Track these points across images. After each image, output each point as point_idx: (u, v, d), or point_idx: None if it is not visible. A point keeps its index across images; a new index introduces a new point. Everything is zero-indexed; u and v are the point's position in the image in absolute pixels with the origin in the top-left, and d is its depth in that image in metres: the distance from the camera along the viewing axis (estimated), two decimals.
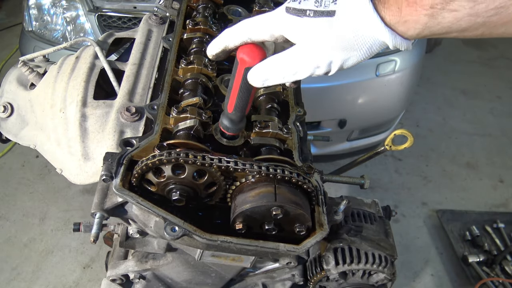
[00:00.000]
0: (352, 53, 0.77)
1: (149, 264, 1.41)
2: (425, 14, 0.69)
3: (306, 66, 0.80)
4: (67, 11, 2.94)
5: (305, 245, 0.98)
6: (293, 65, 0.81)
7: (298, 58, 0.80)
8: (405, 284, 2.92)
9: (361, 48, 0.76)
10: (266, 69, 0.83)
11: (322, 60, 0.79)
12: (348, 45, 0.76)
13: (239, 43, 0.85)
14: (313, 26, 0.77)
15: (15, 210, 3.19)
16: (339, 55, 0.78)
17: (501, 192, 3.62)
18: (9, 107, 1.44)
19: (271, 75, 0.83)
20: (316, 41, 0.78)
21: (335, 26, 0.76)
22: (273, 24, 0.81)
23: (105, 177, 0.95)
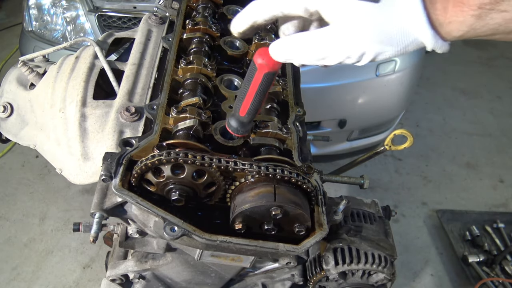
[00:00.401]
0: (387, 48, 0.72)
1: (149, 264, 1.41)
2: (472, 14, 0.65)
3: (337, 52, 0.74)
4: (67, 11, 2.95)
5: (304, 245, 0.98)
6: (324, 48, 0.74)
7: (331, 42, 0.73)
8: (405, 284, 2.92)
9: (398, 45, 0.71)
10: (293, 46, 0.76)
11: (356, 50, 0.73)
12: (386, 39, 0.71)
13: (269, 17, 0.77)
14: (354, 8, 0.71)
15: (15, 210, 3.19)
16: (375, 48, 0.72)
17: (501, 192, 3.61)
18: (9, 107, 1.44)
19: (297, 54, 0.76)
20: (355, 27, 0.71)
21: (379, 14, 0.70)
22: None
23: (104, 177, 0.95)
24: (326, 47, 0.74)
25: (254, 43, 1.32)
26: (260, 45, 1.31)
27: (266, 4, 0.76)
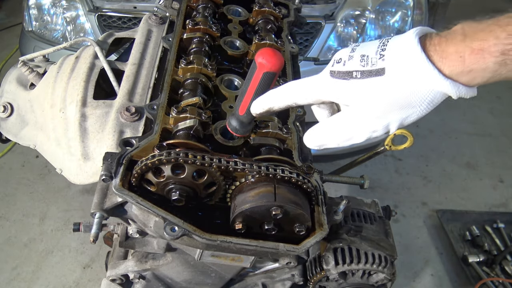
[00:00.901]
0: (411, 111, 0.70)
1: (149, 264, 1.41)
2: (494, 62, 0.61)
3: (361, 131, 0.75)
4: (67, 11, 2.95)
5: (304, 245, 0.98)
6: (347, 130, 0.76)
7: (352, 123, 0.75)
8: (405, 284, 2.92)
9: (420, 105, 0.69)
10: (321, 135, 0.80)
11: (378, 124, 0.73)
12: (405, 103, 0.69)
13: (284, 106, 0.83)
14: (363, 88, 0.71)
15: (15, 210, 3.19)
16: (397, 115, 0.71)
17: (501, 192, 3.61)
18: (9, 107, 1.44)
19: (327, 142, 0.80)
20: (369, 104, 0.71)
21: (387, 85, 0.69)
22: (319, 89, 0.77)
23: (104, 177, 0.95)
24: (349, 128, 0.76)
25: (254, 43, 1.32)
26: (260, 45, 1.31)
27: (282, 95, 0.82)
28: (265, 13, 1.46)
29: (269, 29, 1.43)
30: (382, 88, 0.69)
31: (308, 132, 0.83)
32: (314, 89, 0.78)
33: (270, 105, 0.84)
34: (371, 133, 0.75)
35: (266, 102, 0.85)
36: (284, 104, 0.83)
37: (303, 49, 2.77)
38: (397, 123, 0.72)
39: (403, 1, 2.97)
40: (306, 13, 2.71)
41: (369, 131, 0.74)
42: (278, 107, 0.84)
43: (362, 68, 0.71)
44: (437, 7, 4.55)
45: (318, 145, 0.82)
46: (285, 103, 0.82)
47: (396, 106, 0.70)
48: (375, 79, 0.70)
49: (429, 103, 0.68)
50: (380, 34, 2.94)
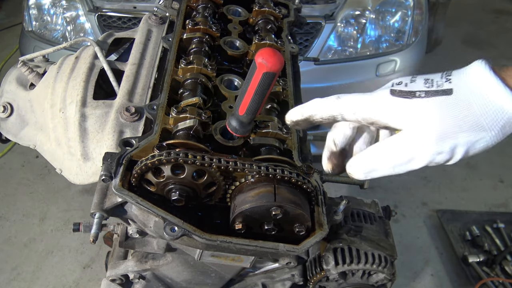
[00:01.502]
0: (482, 134, 0.65)
1: (149, 264, 1.41)
2: None
3: (424, 152, 0.67)
4: (67, 11, 2.95)
5: (304, 245, 0.98)
6: (407, 152, 0.68)
7: (413, 144, 0.68)
8: (405, 284, 2.92)
9: (492, 128, 0.64)
10: (373, 159, 0.72)
11: (444, 145, 0.66)
12: (475, 124, 0.64)
13: (327, 116, 0.74)
14: (427, 106, 0.66)
15: (15, 210, 3.19)
16: (465, 138, 0.66)
17: (501, 192, 3.61)
18: (9, 107, 1.44)
19: (379, 166, 0.72)
20: (434, 122, 0.65)
21: (455, 103, 0.65)
22: (375, 105, 0.70)
23: (104, 177, 0.95)
24: (410, 149, 0.68)
25: (254, 43, 1.32)
26: (260, 45, 1.31)
27: (329, 105, 0.74)
28: (265, 13, 1.46)
29: (269, 29, 1.43)
30: (449, 105, 0.65)
31: (356, 158, 0.74)
32: (369, 105, 0.70)
33: (312, 112, 0.75)
34: (435, 155, 0.67)
35: (308, 109, 0.76)
36: (328, 115, 0.74)
37: (303, 49, 2.77)
38: (465, 147, 0.67)
39: (403, 1, 2.97)
40: (306, 13, 2.71)
41: (432, 153, 0.67)
42: (320, 117, 0.75)
43: (427, 88, 0.67)
44: (437, 7, 4.55)
45: (367, 170, 0.73)
46: (330, 113, 0.73)
47: (465, 126, 0.65)
48: (441, 98, 0.66)
49: (502, 127, 0.64)
50: (380, 34, 2.94)
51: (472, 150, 0.68)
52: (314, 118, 0.75)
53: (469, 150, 0.68)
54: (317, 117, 0.75)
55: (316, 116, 0.75)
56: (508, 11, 6.11)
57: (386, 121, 0.70)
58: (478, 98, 0.64)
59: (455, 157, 0.69)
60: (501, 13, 6.05)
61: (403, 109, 0.68)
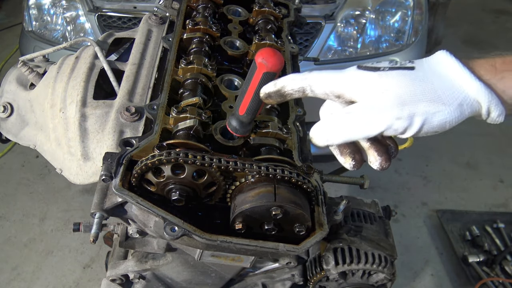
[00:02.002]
0: (440, 107, 0.67)
1: (149, 264, 1.41)
2: None
3: (383, 115, 0.68)
4: (67, 11, 2.95)
5: (304, 245, 0.98)
6: (368, 116, 0.69)
7: (374, 107, 0.69)
8: (405, 284, 2.92)
9: (451, 103, 0.66)
10: (332, 124, 0.73)
11: (403, 111, 0.67)
12: (435, 96, 0.66)
13: (297, 88, 0.76)
14: (390, 77, 0.69)
15: (15, 210, 3.19)
16: (424, 108, 0.67)
17: (501, 192, 3.61)
18: (9, 107, 1.44)
19: (338, 131, 0.72)
20: (396, 90, 0.68)
21: (417, 75, 0.68)
22: (341, 78, 0.72)
23: (104, 177, 0.95)
24: (370, 115, 0.69)
25: (254, 43, 1.32)
26: (260, 45, 1.31)
27: (300, 77, 0.76)
28: (265, 13, 1.46)
29: (269, 29, 1.43)
30: (411, 77, 0.68)
31: (317, 126, 0.75)
32: (336, 78, 0.73)
33: (283, 83, 0.78)
34: (393, 120, 0.68)
35: (281, 81, 0.78)
36: (298, 86, 0.76)
37: (303, 49, 2.77)
38: (423, 117, 0.68)
39: (403, 1, 2.97)
40: (306, 13, 2.71)
41: (391, 117, 0.68)
42: (291, 88, 0.76)
43: (390, 65, 0.71)
44: (437, 7, 4.55)
45: (329, 138, 0.73)
46: (300, 84, 0.75)
47: (425, 97, 0.67)
48: (404, 71, 0.69)
49: (459, 105, 0.66)
50: (380, 34, 2.94)
51: (429, 121, 0.68)
52: (286, 90, 0.78)
53: (426, 120, 0.68)
54: (288, 88, 0.77)
55: (287, 87, 0.77)
56: (508, 11, 6.11)
57: (350, 94, 0.72)
58: (439, 74, 0.67)
59: (413, 126, 0.69)
60: (501, 13, 6.05)
61: (367, 81, 0.71)
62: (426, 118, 0.68)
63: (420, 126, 0.69)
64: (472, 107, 0.66)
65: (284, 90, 0.78)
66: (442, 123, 0.69)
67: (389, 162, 0.80)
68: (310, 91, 0.75)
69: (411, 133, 0.70)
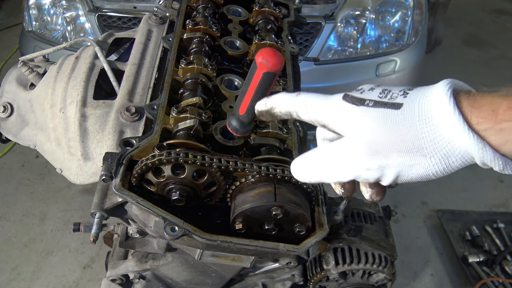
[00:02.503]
0: (418, 160, 0.59)
1: (149, 264, 1.41)
2: None
3: (352, 164, 0.63)
4: (67, 11, 2.95)
5: (305, 245, 0.98)
6: (337, 161, 0.66)
7: (344, 153, 0.64)
8: (405, 284, 2.92)
9: (432, 155, 0.57)
10: (308, 164, 0.71)
11: (373, 162, 0.61)
12: (413, 146, 0.58)
13: (284, 112, 0.74)
14: (369, 116, 0.62)
15: (15, 210, 3.19)
16: (398, 159, 0.60)
17: (501, 192, 3.61)
18: (9, 107, 1.44)
19: (313, 173, 0.70)
20: (369, 134, 0.61)
21: (397, 118, 0.59)
22: (323, 108, 0.68)
23: (104, 177, 0.95)
24: (338, 161, 0.65)
25: (255, 43, 1.32)
26: (260, 45, 1.31)
27: (288, 101, 0.73)
28: (265, 13, 1.46)
29: (269, 29, 1.43)
30: (392, 120, 0.60)
31: (296, 161, 0.74)
32: (321, 107, 0.68)
33: (273, 105, 0.76)
34: (362, 170, 0.63)
35: (272, 101, 0.76)
36: (286, 110, 0.74)
37: (303, 49, 2.77)
38: (396, 169, 0.61)
39: (403, 1, 2.97)
40: (306, 13, 2.71)
41: (359, 167, 0.63)
42: (279, 111, 0.75)
43: (378, 99, 0.63)
44: (437, 7, 4.55)
45: (305, 176, 0.72)
46: (287, 108, 0.73)
47: (402, 146, 0.59)
48: (386, 111, 0.61)
49: (443, 157, 0.57)
50: (380, 34, 2.94)
51: (406, 174, 0.62)
52: (275, 111, 0.75)
53: (401, 173, 0.61)
54: (277, 110, 0.75)
55: (276, 110, 0.75)
56: (508, 11, 6.11)
57: (333, 127, 0.68)
58: (426, 117, 0.58)
59: (385, 177, 0.63)
60: (501, 13, 6.05)
61: (347, 115, 0.65)
62: (400, 170, 0.61)
63: (394, 178, 0.63)
64: (463, 160, 0.57)
65: (273, 111, 0.76)
66: (423, 175, 0.61)
67: (380, 196, 0.75)
68: (297, 116, 0.72)
69: (386, 183, 0.65)
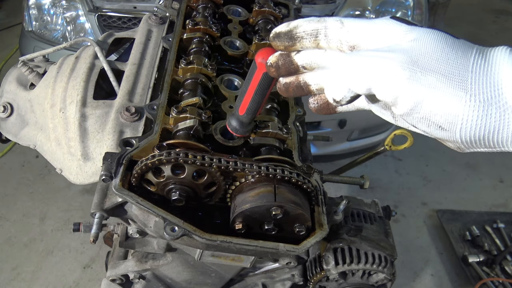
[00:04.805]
0: (455, 92, 0.51)
1: (149, 264, 1.41)
2: None
3: (379, 67, 0.55)
4: (67, 11, 2.95)
5: (304, 245, 0.98)
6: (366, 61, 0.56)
7: (376, 55, 0.56)
8: (405, 284, 2.92)
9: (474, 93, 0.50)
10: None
11: (405, 71, 0.53)
12: (458, 75, 0.52)
13: (310, 30, 0.65)
14: (421, 31, 0.57)
15: (15, 210, 3.19)
16: (434, 81, 0.52)
17: (501, 192, 3.62)
18: (9, 107, 1.44)
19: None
20: (414, 43, 0.55)
21: (453, 42, 0.55)
22: (362, 26, 0.61)
23: (104, 177, 0.95)
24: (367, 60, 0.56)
25: (254, 43, 1.33)
26: (260, 45, 1.31)
27: (316, 19, 0.66)
28: (265, 13, 1.46)
29: (269, 29, 1.43)
30: (444, 40, 0.55)
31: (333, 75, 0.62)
32: (359, 23, 0.62)
33: (297, 23, 0.67)
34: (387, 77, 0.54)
35: (296, 21, 0.68)
36: (312, 28, 0.66)
37: None
38: (423, 93, 0.53)
39: (403, 1, 2.97)
40: (306, 13, 2.71)
41: (386, 73, 0.54)
42: (303, 30, 0.66)
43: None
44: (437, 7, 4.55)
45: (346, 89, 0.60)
46: (315, 26, 0.65)
47: (445, 68, 0.52)
48: (441, 33, 0.56)
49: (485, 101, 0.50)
50: None
51: (429, 105, 0.52)
52: (298, 31, 0.66)
53: (425, 100, 0.52)
54: (301, 29, 0.66)
55: (299, 28, 0.66)
56: (508, 11, 6.11)
57: (373, 43, 0.59)
58: (483, 56, 0.52)
59: (406, 100, 0.54)
60: (501, 13, 6.05)
61: (394, 31, 0.58)
62: (427, 96, 0.52)
63: (415, 104, 0.53)
64: (502, 117, 0.49)
65: (296, 31, 0.66)
66: (448, 115, 0.52)
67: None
68: (324, 37, 0.63)
69: (400, 111, 0.55)
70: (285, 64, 0.71)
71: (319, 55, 0.67)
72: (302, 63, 0.69)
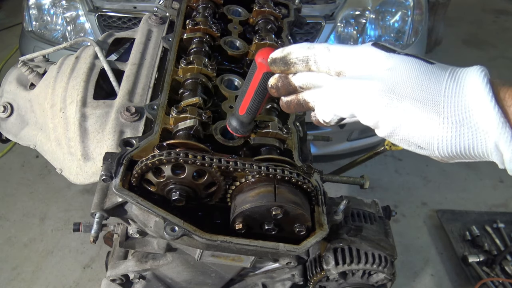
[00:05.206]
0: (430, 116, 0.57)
1: (149, 264, 1.41)
2: None
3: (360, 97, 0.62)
4: (67, 11, 2.95)
5: (305, 245, 0.98)
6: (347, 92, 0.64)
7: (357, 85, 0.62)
8: (405, 284, 2.92)
9: (447, 116, 0.55)
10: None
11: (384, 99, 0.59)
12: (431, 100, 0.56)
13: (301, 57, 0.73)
14: (397, 59, 0.61)
15: (15, 210, 3.19)
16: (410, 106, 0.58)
17: (501, 192, 3.61)
18: (9, 107, 1.44)
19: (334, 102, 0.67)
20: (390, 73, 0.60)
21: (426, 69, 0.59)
22: (351, 50, 0.68)
23: (104, 177, 0.95)
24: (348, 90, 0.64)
25: (255, 43, 1.33)
26: (260, 45, 1.31)
27: (306, 46, 0.73)
28: (265, 13, 1.46)
29: (269, 29, 1.43)
30: (417, 67, 0.59)
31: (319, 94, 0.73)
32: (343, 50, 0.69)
33: (290, 50, 0.74)
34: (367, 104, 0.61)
35: (289, 47, 0.74)
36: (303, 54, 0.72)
37: None
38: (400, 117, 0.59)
39: (403, 1, 2.97)
40: (306, 13, 2.71)
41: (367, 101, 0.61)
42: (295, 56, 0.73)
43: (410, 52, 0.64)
44: (437, 7, 4.55)
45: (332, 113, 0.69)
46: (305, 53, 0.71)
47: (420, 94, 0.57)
48: (416, 60, 0.61)
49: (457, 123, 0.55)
50: (380, 34, 2.94)
51: (407, 128, 0.59)
52: (291, 57, 0.73)
53: (403, 124, 0.59)
54: (293, 56, 0.73)
55: (292, 55, 0.73)
56: (508, 11, 6.11)
57: (355, 70, 0.65)
58: (454, 79, 0.56)
59: (386, 123, 0.61)
60: (501, 13, 6.05)
61: (375, 58, 0.63)
62: (405, 120, 0.59)
63: (394, 128, 0.60)
64: (474, 136, 0.54)
65: (289, 57, 0.73)
66: (424, 137, 0.58)
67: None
68: (314, 63, 0.70)
69: (382, 134, 0.63)
70: (284, 85, 0.79)
71: (313, 77, 0.74)
72: (299, 84, 0.77)
